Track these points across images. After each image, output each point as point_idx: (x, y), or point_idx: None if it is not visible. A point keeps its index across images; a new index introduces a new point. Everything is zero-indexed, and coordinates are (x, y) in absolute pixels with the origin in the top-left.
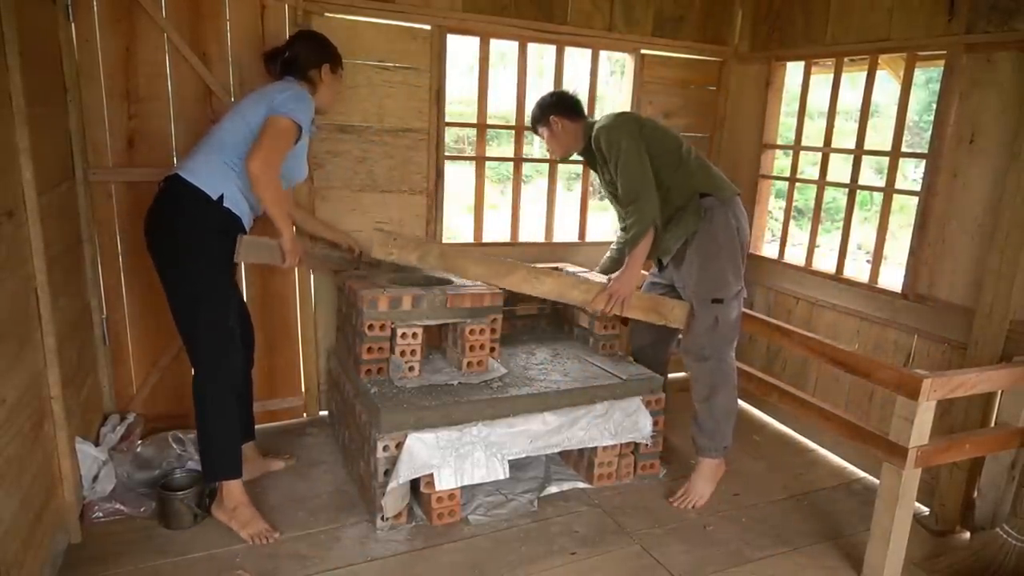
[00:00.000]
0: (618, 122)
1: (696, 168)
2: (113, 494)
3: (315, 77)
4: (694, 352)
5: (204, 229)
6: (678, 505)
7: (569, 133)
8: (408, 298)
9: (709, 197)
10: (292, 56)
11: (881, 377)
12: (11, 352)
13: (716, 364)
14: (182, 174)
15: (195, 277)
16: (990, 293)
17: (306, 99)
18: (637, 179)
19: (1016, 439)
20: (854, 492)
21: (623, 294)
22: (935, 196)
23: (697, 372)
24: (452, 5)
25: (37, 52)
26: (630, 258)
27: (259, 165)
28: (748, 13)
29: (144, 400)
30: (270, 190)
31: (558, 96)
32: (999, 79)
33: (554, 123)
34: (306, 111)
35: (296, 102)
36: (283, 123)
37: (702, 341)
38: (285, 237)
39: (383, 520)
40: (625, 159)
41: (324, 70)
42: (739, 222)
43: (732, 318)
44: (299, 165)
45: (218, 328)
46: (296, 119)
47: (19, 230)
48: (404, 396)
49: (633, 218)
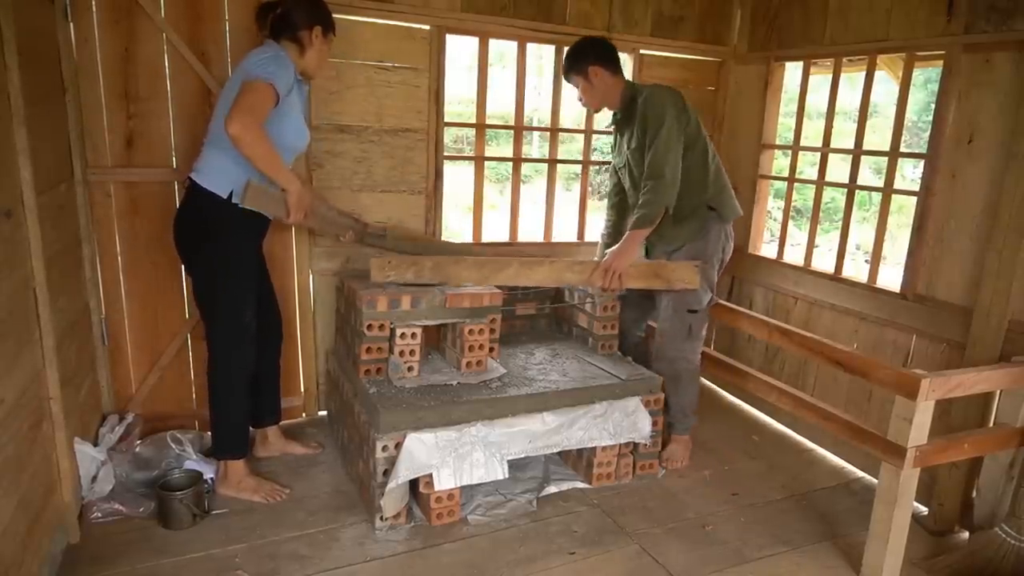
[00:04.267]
0: (673, 96)
1: (715, 179)
2: (112, 494)
3: (305, 38)
4: (667, 357)
5: (218, 230)
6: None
7: (608, 85)
8: (407, 298)
9: (714, 212)
10: (284, 12)
11: (880, 377)
12: (10, 352)
13: (685, 365)
14: (193, 176)
15: (213, 276)
16: (989, 293)
17: (282, 59)
18: (669, 157)
19: (1015, 439)
20: (853, 492)
21: (620, 268)
22: (934, 196)
23: (667, 371)
24: (451, 5)
25: (36, 52)
26: (631, 234)
27: (236, 127)
28: (747, 13)
29: (143, 400)
30: (256, 148)
31: (600, 43)
32: (998, 79)
33: (593, 73)
34: (282, 71)
35: (270, 63)
36: (255, 84)
37: (676, 346)
38: (290, 191)
39: (382, 520)
40: (667, 133)
41: (315, 32)
42: (727, 243)
43: (702, 326)
44: (296, 130)
45: (233, 323)
46: (268, 79)
47: (18, 230)
48: (403, 396)
49: (649, 196)
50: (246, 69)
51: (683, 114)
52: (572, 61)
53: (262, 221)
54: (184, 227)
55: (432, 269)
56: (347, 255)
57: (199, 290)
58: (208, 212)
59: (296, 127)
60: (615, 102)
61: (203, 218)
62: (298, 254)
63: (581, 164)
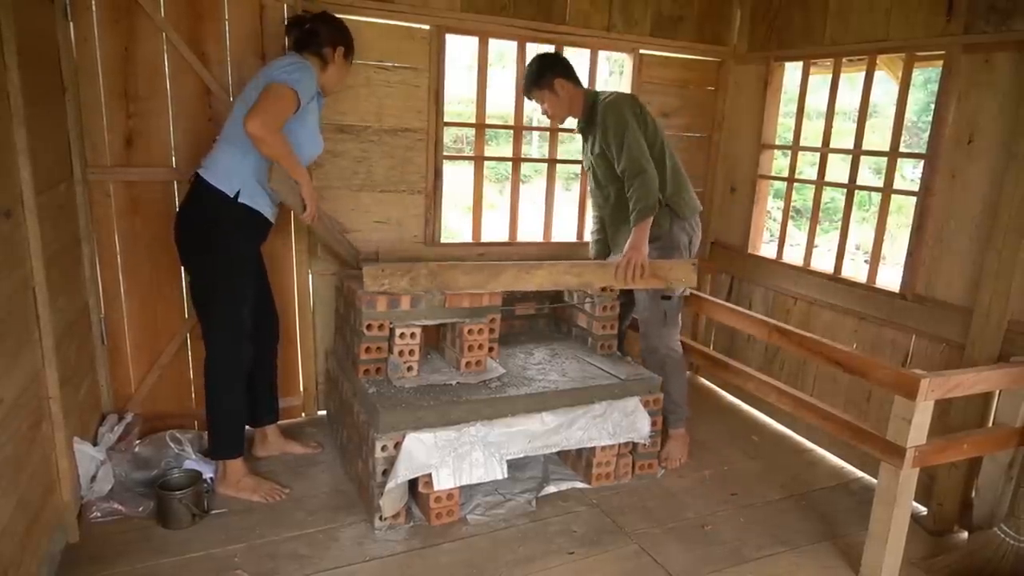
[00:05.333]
0: (628, 100)
1: (672, 177)
2: (111, 494)
3: (329, 55)
4: (648, 346)
5: (221, 228)
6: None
7: (572, 96)
8: (406, 298)
9: (669, 209)
10: (313, 29)
11: (879, 377)
12: (9, 352)
13: (667, 353)
14: (200, 172)
15: (212, 273)
16: (988, 293)
17: (307, 69)
18: (643, 154)
19: (1014, 439)
20: (852, 492)
21: (641, 260)
22: (933, 196)
23: (652, 364)
24: (451, 5)
25: (35, 51)
26: (637, 227)
27: (257, 125)
28: (746, 13)
29: (142, 400)
30: (275, 148)
31: (559, 58)
32: (997, 79)
33: (560, 86)
34: (306, 79)
35: (296, 71)
36: (279, 88)
37: (656, 333)
38: (303, 184)
39: (381, 520)
40: (633, 136)
41: (339, 52)
42: (693, 234)
43: (676, 312)
44: (311, 138)
45: (230, 322)
46: (292, 85)
47: (17, 229)
48: (402, 396)
49: (640, 191)
50: (270, 74)
51: (640, 116)
52: (537, 77)
53: (265, 222)
54: (187, 224)
55: (428, 276)
56: None
57: (197, 288)
58: (213, 210)
59: (312, 136)
60: (578, 111)
61: (208, 216)
62: (298, 254)
63: (580, 164)
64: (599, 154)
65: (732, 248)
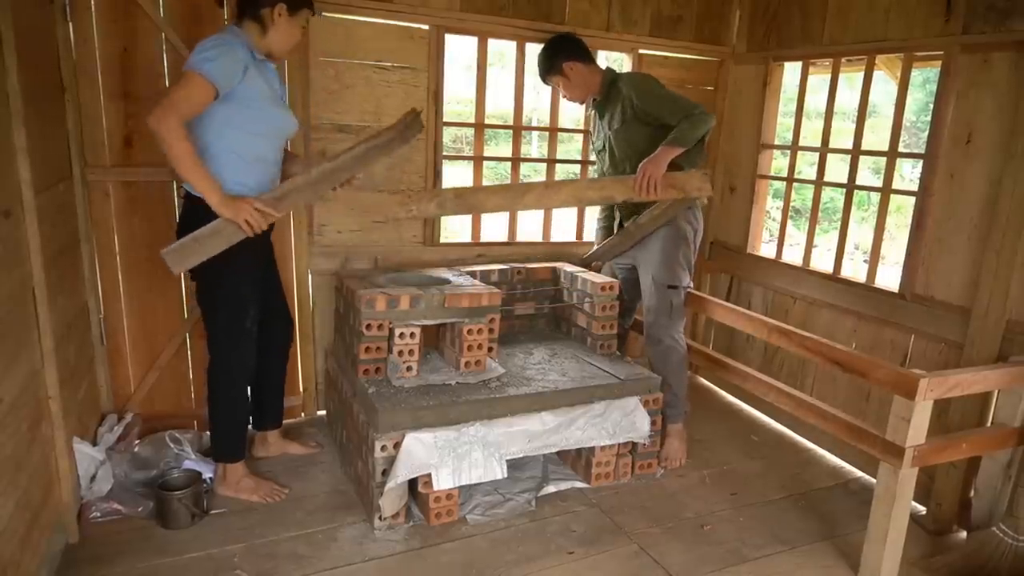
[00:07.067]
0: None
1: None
2: (111, 494)
3: (267, 17)
4: (653, 336)
5: None
6: (667, 467)
7: (586, 76)
8: (406, 298)
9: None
10: None
11: (878, 377)
12: (8, 352)
13: (671, 344)
14: (185, 186)
15: (212, 282)
16: (987, 293)
17: (225, 45)
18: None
19: (1012, 439)
20: (851, 491)
21: (655, 174)
22: (932, 196)
23: (655, 355)
24: (450, 5)
25: (34, 51)
26: (663, 148)
27: (152, 120)
28: (745, 13)
29: (142, 400)
30: (171, 146)
31: (566, 40)
32: (996, 79)
33: (569, 68)
34: (223, 57)
35: (206, 51)
36: (185, 76)
37: (661, 323)
38: (211, 200)
39: (381, 520)
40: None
41: (278, 9)
42: (697, 224)
43: (681, 304)
44: (267, 115)
45: (232, 328)
46: (198, 68)
47: (16, 229)
48: (402, 396)
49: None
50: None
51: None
52: (547, 63)
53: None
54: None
55: (455, 199)
56: (346, 255)
57: (201, 291)
58: (198, 219)
59: (267, 113)
60: (596, 89)
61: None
62: (297, 254)
63: (580, 164)
64: (619, 128)
65: (732, 248)
